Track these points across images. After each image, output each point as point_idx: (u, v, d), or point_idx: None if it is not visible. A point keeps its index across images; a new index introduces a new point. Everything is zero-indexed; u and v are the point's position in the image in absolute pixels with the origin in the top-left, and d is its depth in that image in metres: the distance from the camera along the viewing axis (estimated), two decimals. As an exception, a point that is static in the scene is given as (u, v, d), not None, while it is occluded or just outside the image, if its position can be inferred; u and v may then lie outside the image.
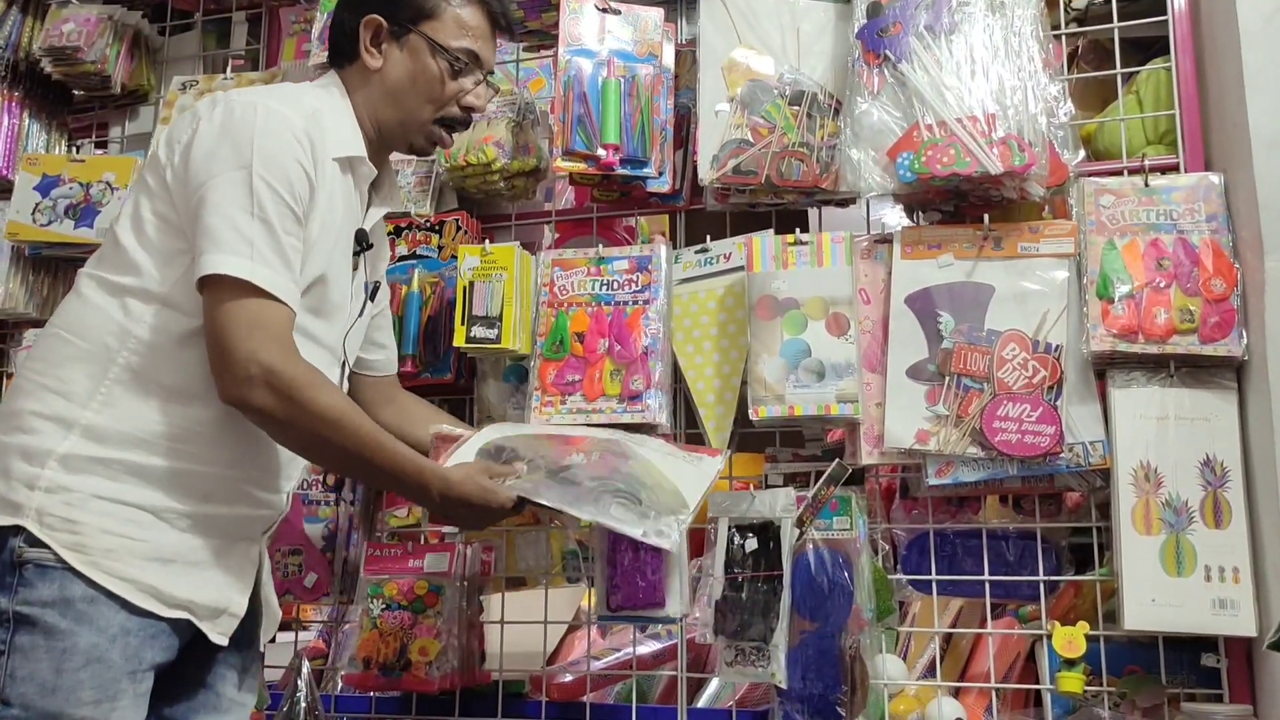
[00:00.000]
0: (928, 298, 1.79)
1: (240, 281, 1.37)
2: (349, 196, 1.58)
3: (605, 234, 2.22)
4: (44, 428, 1.40)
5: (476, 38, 1.64)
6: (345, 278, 1.60)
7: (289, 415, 1.38)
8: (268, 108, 1.45)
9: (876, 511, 1.90)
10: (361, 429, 1.44)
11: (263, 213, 1.39)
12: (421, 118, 1.63)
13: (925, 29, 1.82)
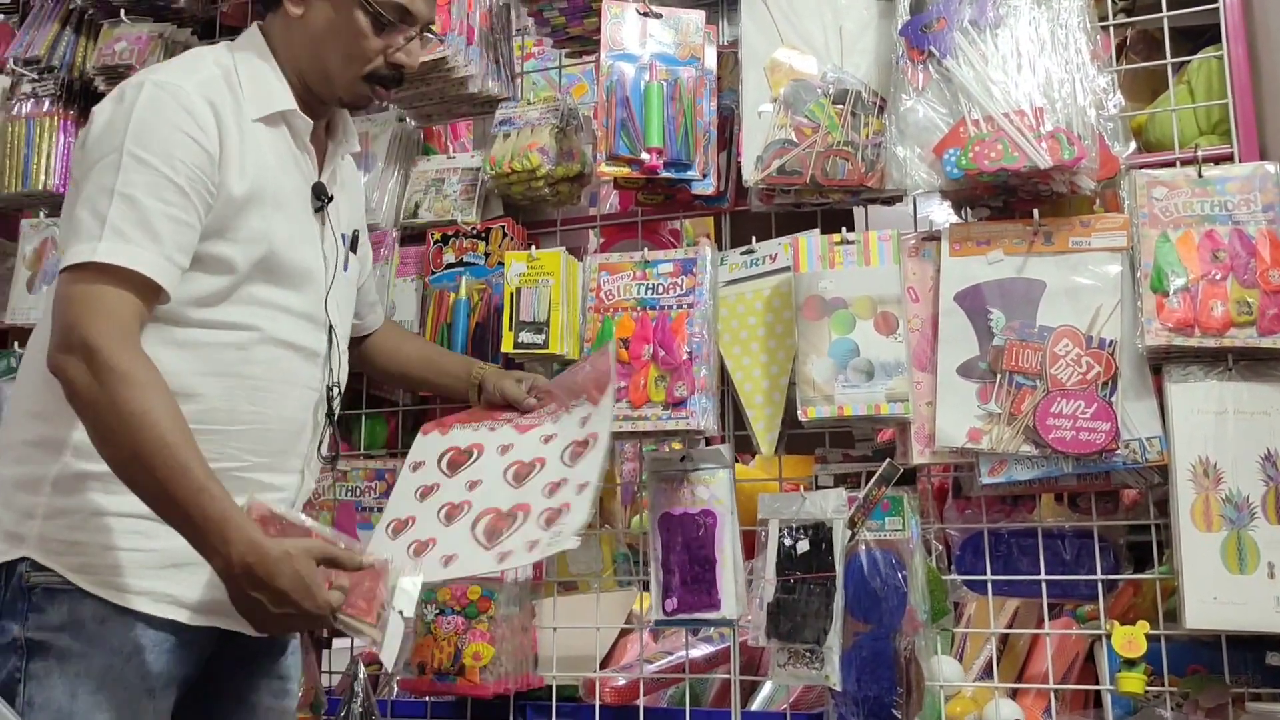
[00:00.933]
0: (978, 294, 1.77)
1: (85, 265, 1.30)
2: (287, 154, 1.50)
3: (650, 237, 2.23)
4: (33, 454, 1.37)
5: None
6: (308, 238, 1.52)
7: (91, 396, 1.26)
8: (154, 83, 1.38)
9: (929, 512, 1.88)
10: (163, 441, 1.25)
11: (127, 187, 1.32)
12: (347, 74, 1.52)
13: (970, 24, 1.80)
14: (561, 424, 1.73)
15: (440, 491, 1.69)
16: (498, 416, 1.80)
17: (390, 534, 1.65)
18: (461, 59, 2.07)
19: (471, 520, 1.60)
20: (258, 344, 1.44)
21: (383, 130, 2.36)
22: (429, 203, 2.28)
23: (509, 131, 2.18)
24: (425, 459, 1.76)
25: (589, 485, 1.56)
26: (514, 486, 1.64)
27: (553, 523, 1.53)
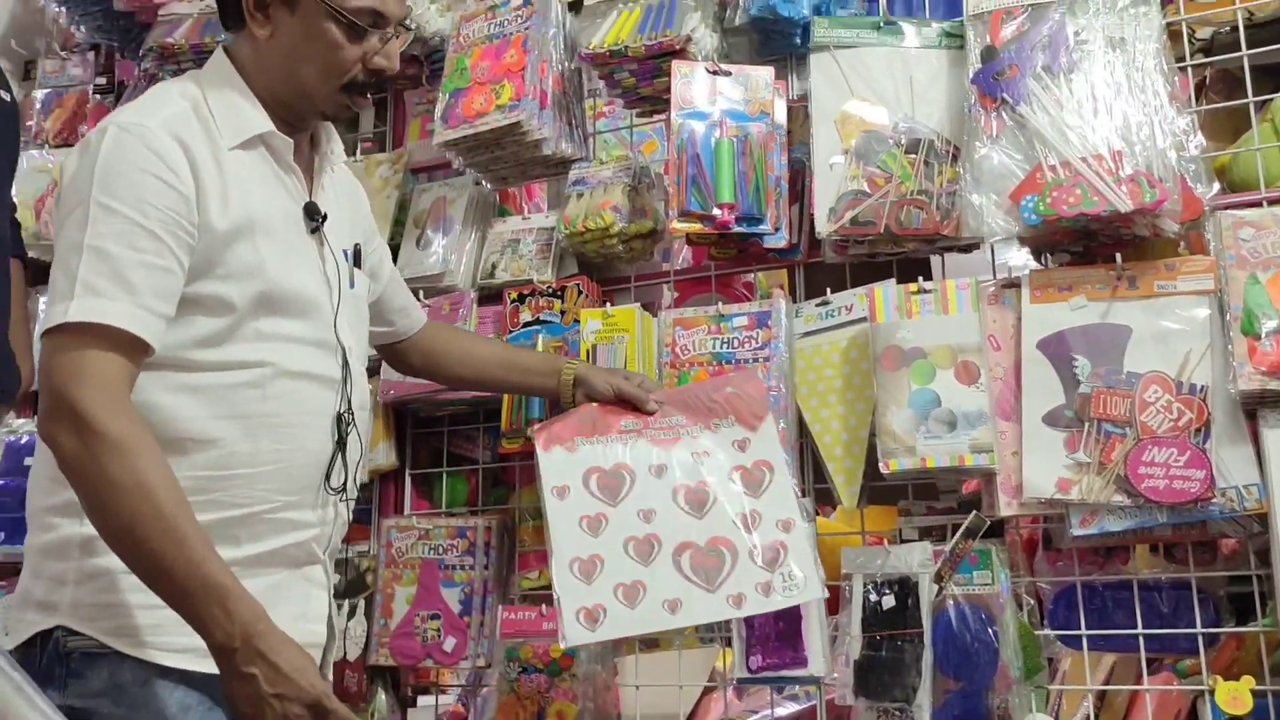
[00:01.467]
0: (1061, 341, 1.74)
1: (61, 327, 1.24)
2: (271, 178, 1.43)
3: (724, 291, 2.23)
4: (58, 520, 1.32)
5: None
6: (306, 262, 1.44)
7: (81, 465, 1.22)
8: (118, 125, 1.31)
9: (1019, 564, 1.84)
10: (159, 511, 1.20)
11: (96, 239, 1.25)
12: (325, 88, 1.44)
13: (1043, 70, 1.79)
14: (706, 441, 1.66)
15: (612, 523, 1.58)
16: (617, 425, 1.68)
17: (580, 575, 1.54)
18: (535, 123, 2.10)
19: (670, 557, 1.54)
20: (271, 379, 1.37)
21: (460, 194, 2.41)
22: (505, 263, 2.31)
23: (582, 191, 2.21)
24: (567, 482, 1.63)
25: (795, 524, 1.55)
26: (695, 516, 1.59)
27: (773, 564, 1.51)
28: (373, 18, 1.42)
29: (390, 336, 1.82)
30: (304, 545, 1.43)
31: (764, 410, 1.69)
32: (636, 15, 2.14)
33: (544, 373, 1.80)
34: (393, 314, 1.80)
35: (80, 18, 2.84)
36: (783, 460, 1.63)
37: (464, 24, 2.30)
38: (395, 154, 2.55)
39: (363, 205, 1.71)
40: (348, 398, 1.46)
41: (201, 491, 1.31)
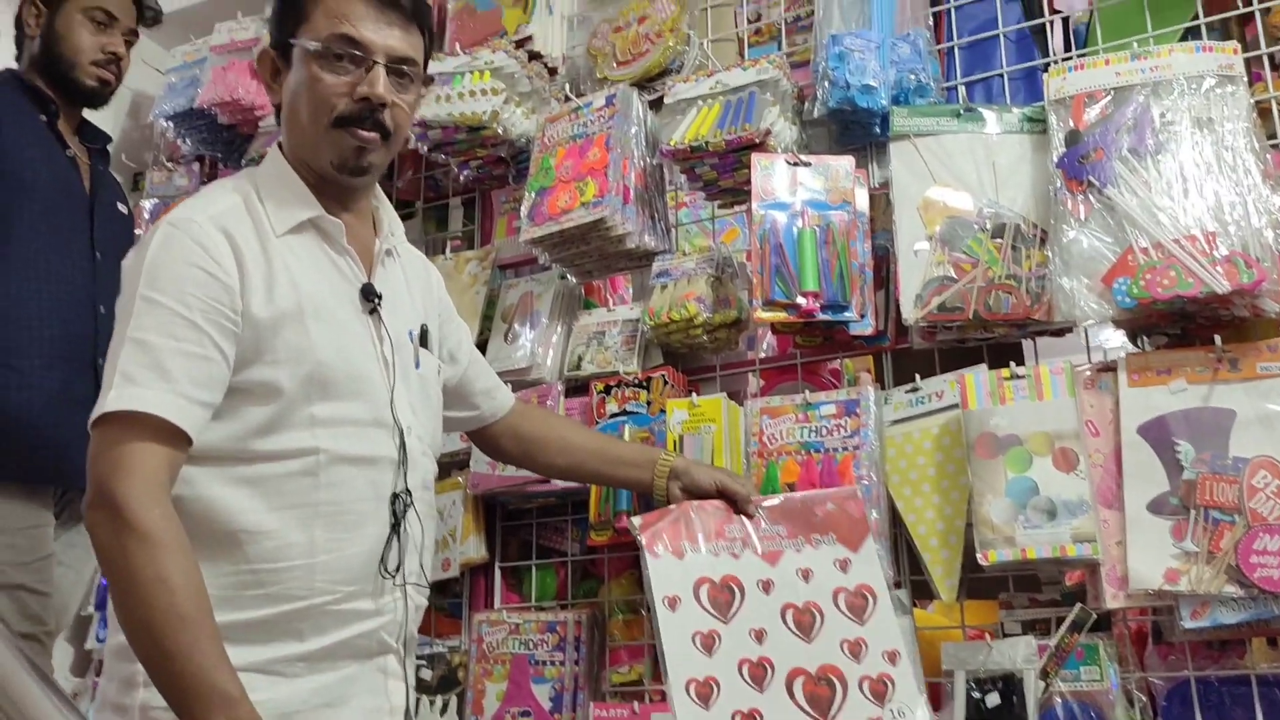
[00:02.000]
0: (1162, 426, 1.69)
1: (102, 418, 1.26)
2: (325, 261, 1.43)
3: (810, 379, 2.22)
4: None
5: (354, 20, 1.40)
6: (360, 343, 1.42)
7: (110, 556, 1.22)
8: (169, 223, 1.34)
9: (1128, 659, 1.76)
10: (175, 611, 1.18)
11: (138, 331, 1.27)
12: (318, 129, 1.41)
13: (1129, 152, 1.78)
14: (809, 557, 1.64)
15: (725, 643, 1.55)
16: (722, 532, 1.65)
17: (697, 699, 1.51)
18: (618, 218, 2.15)
19: (784, 685, 1.52)
20: (325, 466, 1.34)
21: (546, 288, 2.46)
22: (591, 355, 2.34)
23: (666, 282, 2.24)
24: (679, 593, 1.59)
25: (900, 655, 1.53)
26: (804, 640, 1.57)
27: (881, 698, 1.49)
28: (346, 43, 1.39)
29: (477, 421, 1.80)
30: (372, 635, 1.39)
31: (865, 530, 1.67)
32: (716, 111, 2.18)
33: (639, 465, 1.76)
34: (476, 396, 1.77)
35: (186, 132, 3.00)
36: (884, 586, 1.61)
37: (549, 125, 2.37)
38: (483, 251, 2.61)
39: (435, 287, 1.69)
40: (405, 478, 1.42)
41: (260, 585, 1.30)
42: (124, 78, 2.24)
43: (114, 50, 2.18)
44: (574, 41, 2.61)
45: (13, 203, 1.98)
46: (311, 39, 1.40)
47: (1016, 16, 2.17)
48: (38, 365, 1.95)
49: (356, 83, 1.40)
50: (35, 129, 2.08)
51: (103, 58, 2.16)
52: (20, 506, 1.93)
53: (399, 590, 1.41)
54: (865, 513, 1.70)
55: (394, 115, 1.43)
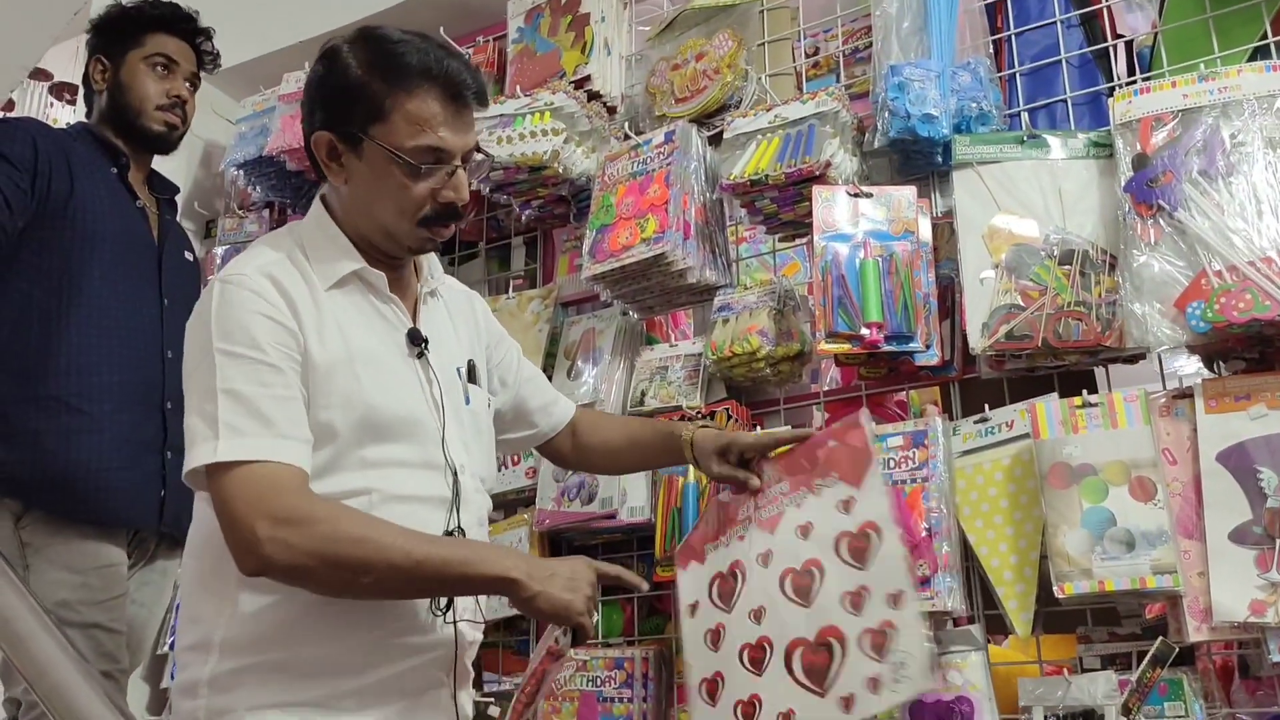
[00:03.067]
0: (1243, 453, 1.64)
1: (217, 466, 1.29)
2: (370, 311, 1.47)
3: (876, 410, 2.20)
4: (191, 659, 1.36)
5: (435, 127, 1.42)
6: (409, 387, 1.45)
7: (316, 554, 1.26)
8: (221, 280, 1.39)
9: (1214, 694, 1.71)
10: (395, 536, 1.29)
11: (227, 383, 1.31)
12: (402, 226, 1.45)
13: (1199, 174, 1.75)
14: (810, 508, 1.53)
15: (728, 633, 1.52)
16: (737, 516, 1.61)
17: (706, 698, 1.49)
18: (679, 254, 2.16)
19: (782, 661, 1.45)
20: (377, 505, 1.37)
21: (608, 325, 2.48)
22: (654, 390, 2.34)
23: (728, 316, 2.24)
24: (699, 598, 1.58)
25: (904, 594, 1.40)
26: (803, 605, 1.47)
27: (882, 649, 1.38)
28: (434, 155, 1.42)
29: (537, 437, 1.80)
30: (422, 670, 1.41)
31: (868, 460, 1.53)
32: (775, 144, 2.19)
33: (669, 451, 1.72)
34: (534, 415, 1.78)
35: (255, 179, 3.08)
36: (890, 518, 1.48)
37: (609, 163, 2.39)
38: (545, 289, 2.64)
39: (480, 317, 1.71)
40: (458, 515, 1.45)
41: (319, 621, 1.33)
42: (190, 123, 2.30)
43: (177, 94, 2.24)
44: (632, 80, 2.64)
45: (84, 253, 2.05)
46: (395, 147, 1.41)
47: (1078, 42, 2.15)
48: (107, 410, 2.00)
49: (439, 186, 1.44)
50: (107, 181, 2.15)
51: (167, 102, 2.23)
52: (93, 546, 1.97)
53: (451, 626, 1.43)
54: (868, 440, 1.53)
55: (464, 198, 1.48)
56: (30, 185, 2.00)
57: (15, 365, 1.97)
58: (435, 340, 1.51)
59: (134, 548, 2.09)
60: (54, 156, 2.05)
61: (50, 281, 2.02)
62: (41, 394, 1.96)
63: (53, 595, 1.87)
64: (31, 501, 1.92)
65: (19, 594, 1.28)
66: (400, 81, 1.41)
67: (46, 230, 2.03)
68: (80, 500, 1.94)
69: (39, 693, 1.25)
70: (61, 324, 2.00)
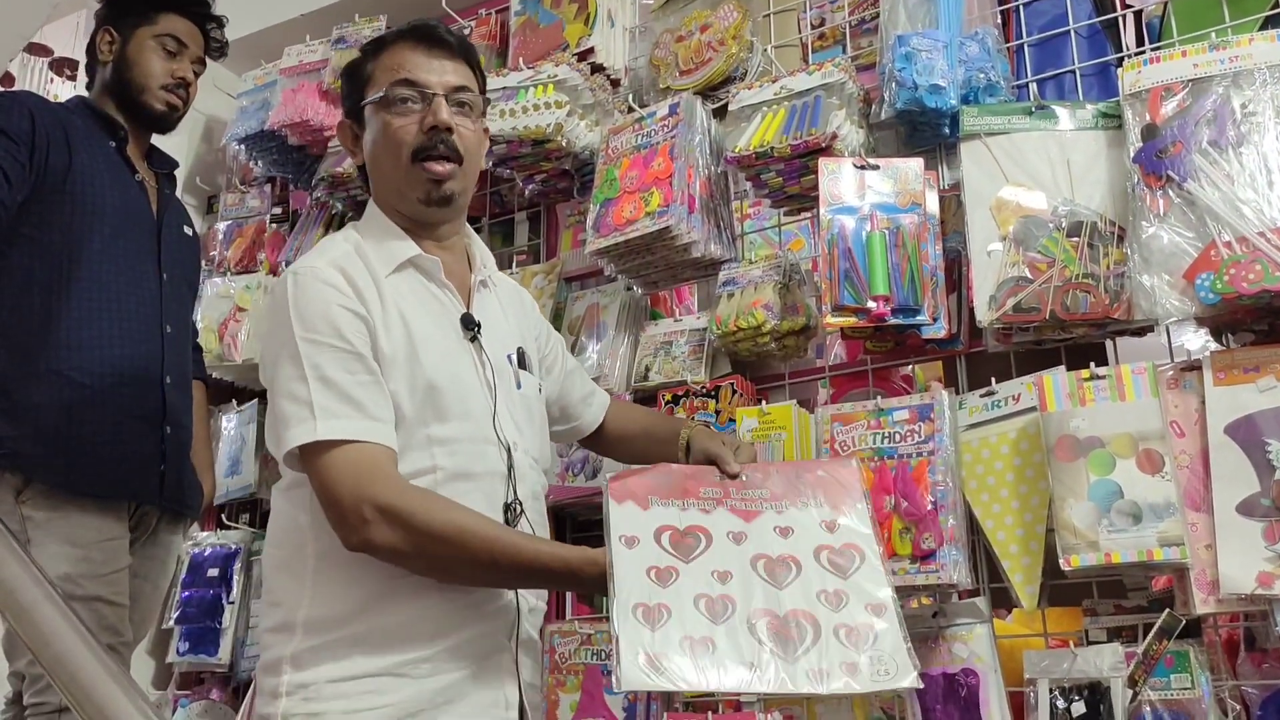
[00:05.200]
0: (1251, 426, 1.63)
1: (317, 444, 1.38)
2: (426, 296, 1.55)
3: (881, 385, 2.19)
4: (274, 640, 1.44)
5: (404, 68, 1.55)
6: (464, 368, 1.52)
7: (413, 544, 1.36)
8: (293, 272, 1.48)
9: (1220, 666, 1.70)
10: (488, 535, 1.39)
11: (317, 370, 1.41)
12: (399, 170, 1.55)
13: (1209, 145, 1.73)
14: (792, 518, 1.53)
15: (683, 578, 1.46)
16: (696, 492, 1.57)
17: (641, 619, 1.43)
18: (684, 227, 2.14)
19: (745, 620, 1.41)
20: (444, 483, 1.45)
21: (612, 300, 2.47)
22: (659, 365, 2.34)
23: (733, 291, 2.23)
24: (638, 534, 1.51)
25: (887, 608, 1.40)
26: (773, 585, 1.45)
27: (859, 644, 1.36)
28: (406, 86, 1.54)
29: (580, 430, 1.87)
30: (487, 636, 1.47)
31: (857, 499, 1.55)
32: (781, 117, 2.17)
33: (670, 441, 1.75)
34: (576, 405, 1.85)
35: (257, 154, 3.06)
36: (876, 547, 1.48)
37: (612, 136, 2.37)
38: (549, 264, 2.63)
39: (530, 310, 1.80)
40: (514, 489, 1.52)
41: (387, 595, 1.42)
42: (190, 105, 2.29)
43: (182, 76, 2.23)
44: (636, 52, 2.62)
45: (83, 227, 2.04)
46: (375, 92, 1.55)
47: (1087, 12, 2.13)
48: (108, 384, 2.00)
49: (423, 116, 1.53)
50: (105, 154, 2.14)
51: (172, 82, 2.21)
52: (95, 520, 1.97)
53: (512, 594, 1.50)
54: (859, 481, 1.57)
55: (462, 140, 1.56)
56: (28, 159, 1.99)
57: (16, 340, 1.97)
58: (488, 327, 1.59)
59: (136, 522, 2.09)
60: (52, 130, 2.04)
61: (50, 256, 2.01)
62: (42, 368, 1.96)
63: (54, 569, 1.87)
64: (33, 475, 1.92)
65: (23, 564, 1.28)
66: (379, 48, 1.58)
67: (45, 205, 2.02)
68: (81, 473, 1.94)
69: (43, 662, 1.25)
70: (61, 298, 2.00)
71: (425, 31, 1.58)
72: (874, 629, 1.37)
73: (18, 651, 1.94)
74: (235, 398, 3.00)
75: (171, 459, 2.09)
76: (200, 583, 2.78)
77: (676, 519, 1.54)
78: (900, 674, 1.34)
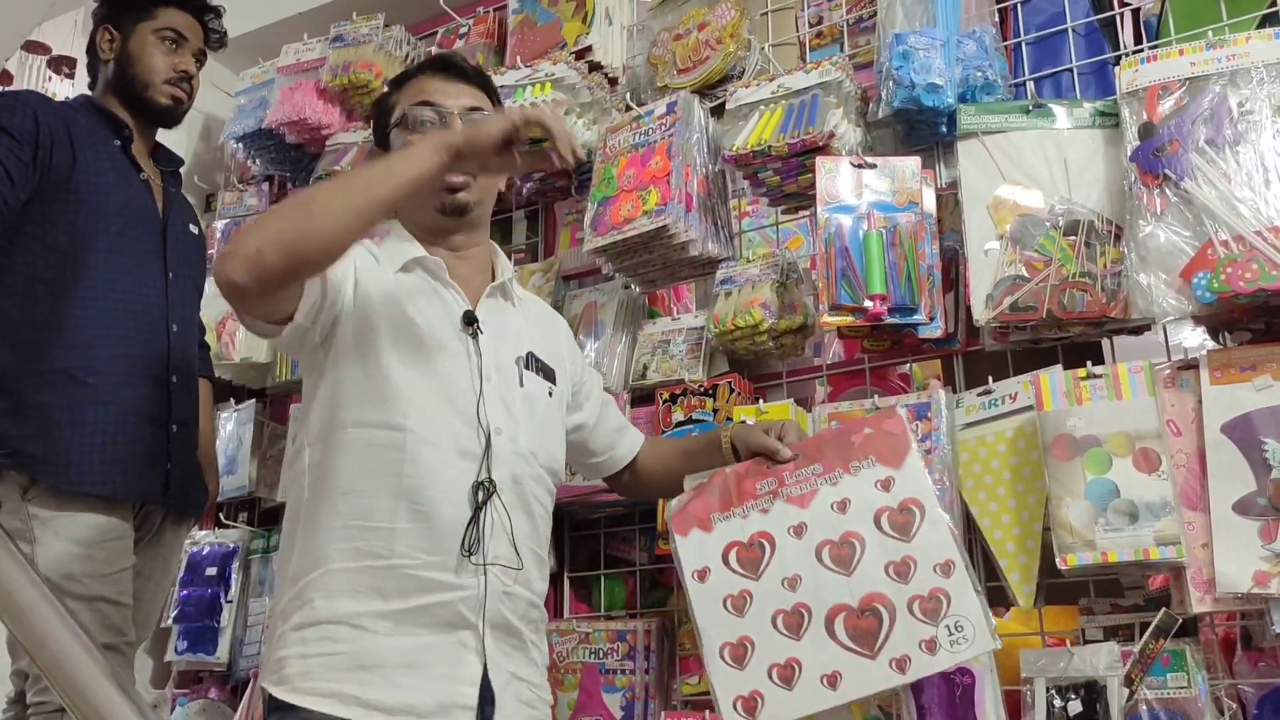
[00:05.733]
0: (1248, 424, 1.63)
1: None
2: (430, 292, 1.62)
3: (879, 384, 2.20)
4: (275, 598, 1.55)
5: (424, 92, 1.68)
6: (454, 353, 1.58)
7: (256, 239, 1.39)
8: None
9: (1216, 665, 1.71)
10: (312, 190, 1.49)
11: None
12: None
13: (1206, 143, 1.73)
14: (846, 487, 1.57)
15: (757, 599, 1.53)
16: (753, 490, 1.62)
17: (731, 662, 1.50)
18: (681, 226, 2.14)
19: (823, 625, 1.46)
20: (412, 445, 1.51)
21: (609, 298, 2.46)
22: (656, 364, 2.34)
23: (730, 289, 2.23)
24: (708, 564, 1.58)
25: (954, 564, 1.43)
26: (843, 574, 1.49)
27: (935, 615, 1.41)
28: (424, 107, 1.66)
29: (612, 461, 1.89)
30: (450, 607, 1.48)
31: (906, 447, 1.57)
32: (778, 115, 2.17)
33: (712, 449, 1.77)
34: (610, 434, 1.88)
35: (255, 152, 3.06)
36: (934, 496, 1.51)
37: (610, 135, 2.37)
38: (546, 263, 2.62)
39: (562, 338, 1.86)
40: (489, 470, 1.54)
41: (349, 539, 1.48)
42: (195, 98, 2.29)
43: (185, 69, 2.23)
44: (634, 51, 2.62)
45: (88, 226, 2.04)
46: (398, 116, 1.69)
47: (1084, 10, 2.13)
48: (113, 383, 2.00)
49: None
50: (110, 153, 2.13)
51: (175, 76, 2.21)
52: (99, 519, 1.97)
53: (479, 570, 1.50)
54: (906, 429, 1.60)
55: None
56: (32, 158, 1.99)
57: (22, 339, 1.97)
58: (495, 328, 1.64)
59: (140, 521, 2.09)
60: (55, 129, 2.03)
61: (54, 255, 2.01)
62: (48, 368, 1.96)
63: (59, 568, 1.87)
64: (38, 474, 1.92)
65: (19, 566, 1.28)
66: (402, 82, 1.73)
67: (49, 203, 2.02)
68: (87, 472, 1.95)
69: (40, 664, 1.26)
70: (67, 297, 2.00)
71: (443, 61, 1.73)
72: (945, 593, 1.43)
73: (20, 650, 1.94)
74: (233, 396, 3.00)
75: (177, 458, 2.10)
76: (198, 581, 2.79)
77: (740, 531, 1.60)
78: (978, 639, 1.40)
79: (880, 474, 1.56)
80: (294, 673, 1.43)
